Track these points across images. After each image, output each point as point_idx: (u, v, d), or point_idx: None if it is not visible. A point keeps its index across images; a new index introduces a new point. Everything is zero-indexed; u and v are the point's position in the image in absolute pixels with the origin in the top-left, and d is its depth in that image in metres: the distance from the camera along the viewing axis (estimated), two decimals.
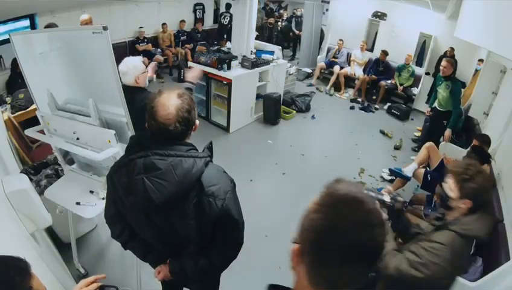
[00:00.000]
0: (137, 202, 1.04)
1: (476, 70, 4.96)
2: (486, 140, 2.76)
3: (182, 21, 6.73)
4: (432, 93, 4.28)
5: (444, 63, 3.61)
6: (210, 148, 1.19)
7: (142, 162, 1.02)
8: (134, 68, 2.03)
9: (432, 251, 1.12)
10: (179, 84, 5.45)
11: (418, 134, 4.87)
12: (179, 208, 1.06)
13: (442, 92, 3.71)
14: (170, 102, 1.02)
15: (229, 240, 1.17)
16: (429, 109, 4.13)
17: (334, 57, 6.60)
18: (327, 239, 0.54)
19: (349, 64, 6.43)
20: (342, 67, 6.39)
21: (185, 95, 1.07)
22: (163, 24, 6.36)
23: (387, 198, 1.29)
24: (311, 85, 6.60)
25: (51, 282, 1.29)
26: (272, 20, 8.17)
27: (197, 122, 1.13)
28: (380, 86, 5.89)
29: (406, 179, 3.19)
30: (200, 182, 1.05)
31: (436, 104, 3.93)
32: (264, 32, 7.99)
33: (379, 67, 6.06)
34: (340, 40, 6.52)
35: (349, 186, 0.58)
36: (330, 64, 6.60)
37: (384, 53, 5.96)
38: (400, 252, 1.21)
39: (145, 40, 6.01)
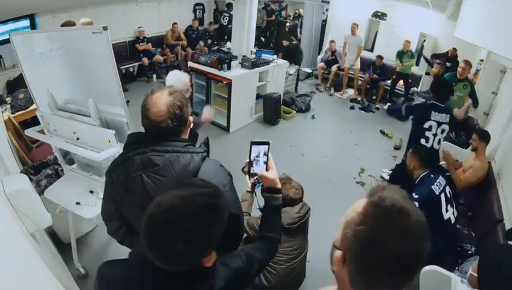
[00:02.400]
0: (137, 198, 1.04)
1: (477, 70, 4.96)
2: (485, 135, 2.77)
3: (194, 19, 7.01)
4: None
5: (462, 64, 3.67)
6: (206, 143, 1.19)
7: (140, 158, 1.03)
8: (179, 82, 2.08)
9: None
10: None
11: None
12: None
13: (459, 92, 3.72)
14: (161, 100, 1.03)
15: (228, 232, 1.17)
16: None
17: (332, 57, 6.59)
18: (371, 251, 0.55)
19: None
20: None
21: (177, 92, 1.08)
22: (174, 23, 6.53)
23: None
24: (317, 85, 6.62)
25: (51, 282, 1.29)
26: (286, 42, 6.60)
27: (191, 118, 1.13)
28: (380, 86, 5.90)
29: None
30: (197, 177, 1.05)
31: None
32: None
33: (376, 70, 6.07)
34: (332, 41, 6.50)
35: (394, 195, 0.57)
36: (329, 64, 6.59)
37: (380, 58, 5.98)
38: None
39: (145, 40, 6.01)
